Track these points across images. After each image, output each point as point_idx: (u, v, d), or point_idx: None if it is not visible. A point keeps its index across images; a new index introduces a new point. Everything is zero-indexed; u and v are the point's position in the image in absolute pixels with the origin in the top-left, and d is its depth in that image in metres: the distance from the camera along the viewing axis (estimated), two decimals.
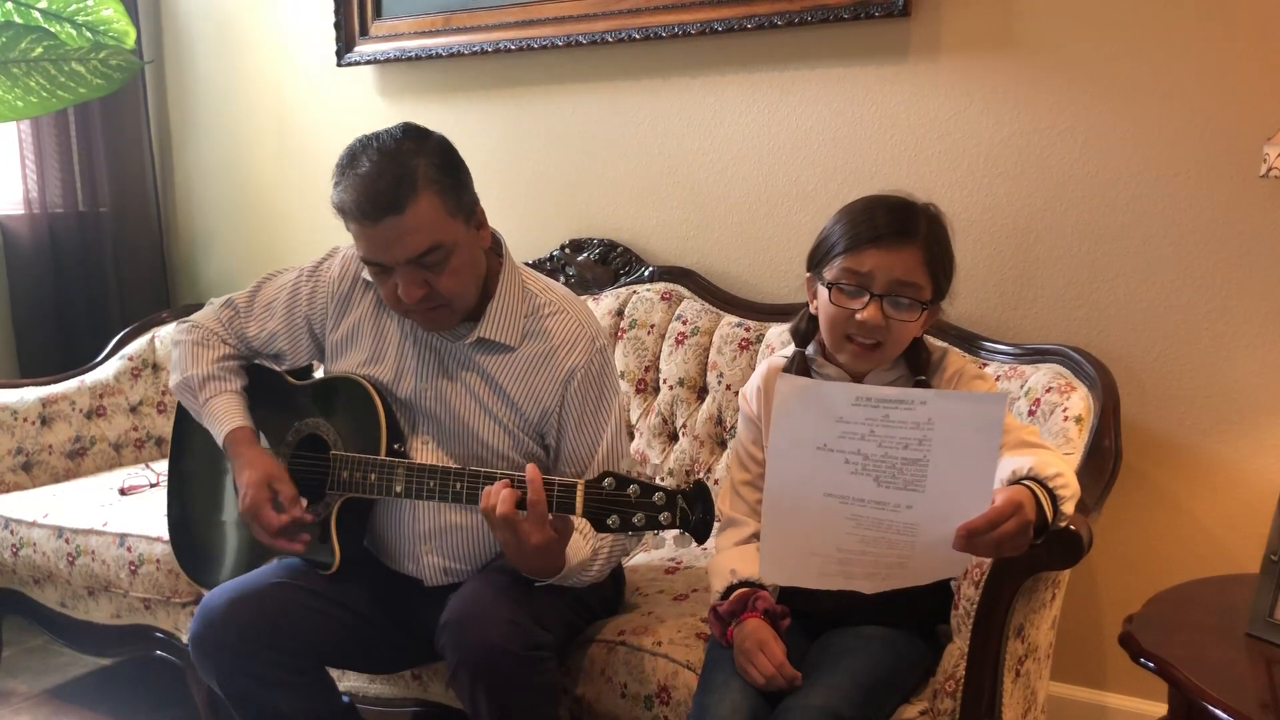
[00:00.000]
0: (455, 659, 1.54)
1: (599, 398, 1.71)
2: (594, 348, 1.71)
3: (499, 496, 1.48)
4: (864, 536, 1.34)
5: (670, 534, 1.42)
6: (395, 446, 1.68)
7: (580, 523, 1.56)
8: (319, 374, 1.87)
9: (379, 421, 1.68)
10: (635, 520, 1.44)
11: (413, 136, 1.58)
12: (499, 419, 1.71)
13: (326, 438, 1.73)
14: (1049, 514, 1.33)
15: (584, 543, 1.61)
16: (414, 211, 1.52)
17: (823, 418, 1.32)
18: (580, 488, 1.46)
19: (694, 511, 1.43)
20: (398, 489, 1.63)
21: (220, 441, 1.75)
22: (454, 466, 1.62)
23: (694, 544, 2.09)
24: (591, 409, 1.70)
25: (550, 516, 1.47)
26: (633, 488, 1.44)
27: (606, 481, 1.46)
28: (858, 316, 1.48)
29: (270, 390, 1.83)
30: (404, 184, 1.52)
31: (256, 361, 1.87)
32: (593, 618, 1.77)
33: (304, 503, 1.67)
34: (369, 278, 1.72)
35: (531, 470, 1.47)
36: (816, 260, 1.57)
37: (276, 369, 1.85)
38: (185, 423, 1.92)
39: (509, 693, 1.53)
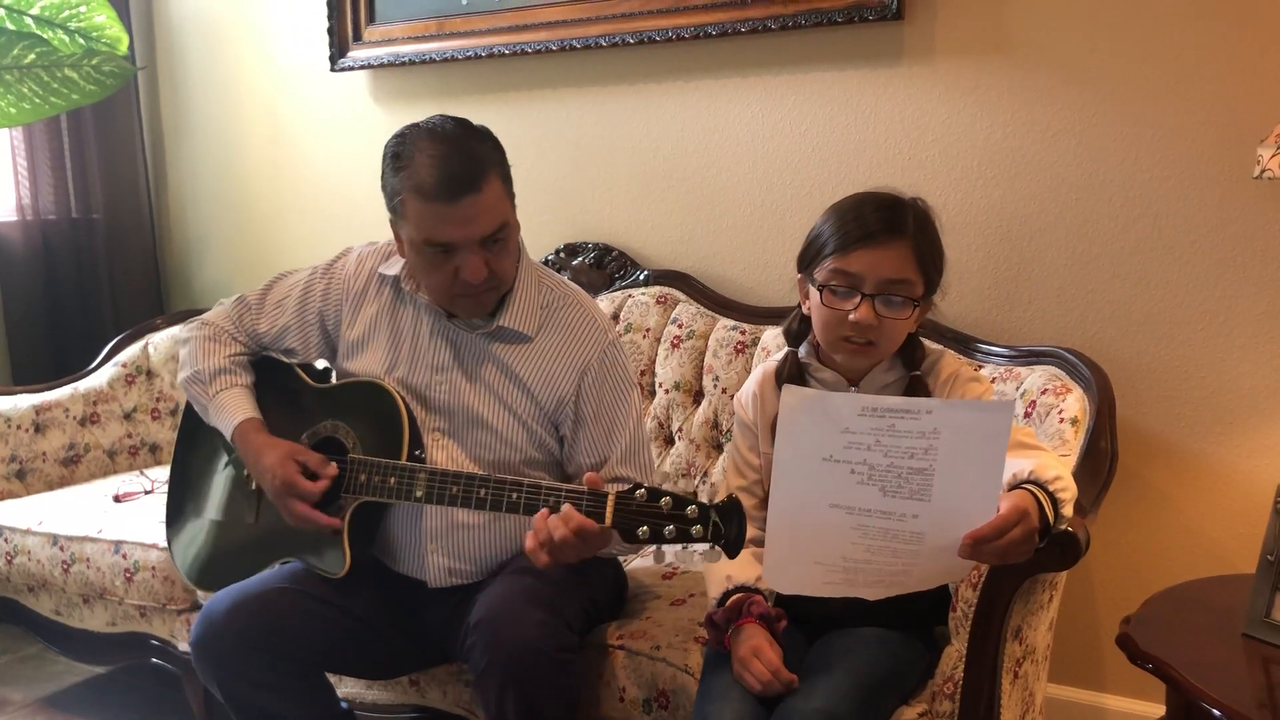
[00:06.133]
0: (486, 659, 1.53)
1: (615, 388, 1.75)
2: (606, 340, 1.76)
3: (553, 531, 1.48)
4: (870, 546, 1.33)
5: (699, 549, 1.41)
6: (416, 453, 1.68)
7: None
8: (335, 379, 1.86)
9: (402, 427, 1.67)
10: (666, 532, 1.42)
11: (463, 124, 1.64)
12: (514, 410, 1.72)
13: (345, 441, 1.72)
14: (1050, 518, 1.33)
15: None
16: (488, 190, 1.60)
17: (829, 429, 1.31)
18: (610, 500, 1.45)
19: (727, 526, 1.40)
20: (418, 494, 1.62)
21: (229, 433, 1.75)
22: (478, 473, 1.61)
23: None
24: (609, 401, 1.74)
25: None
26: (665, 499, 1.43)
27: (639, 493, 1.44)
28: (850, 317, 1.48)
29: (288, 391, 1.83)
30: (477, 165, 1.59)
31: (271, 355, 1.87)
32: (601, 619, 1.78)
33: (334, 465, 1.67)
34: (387, 272, 1.76)
35: (567, 512, 1.47)
36: (807, 261, 1.57)
37: (298, 372, 1.85)
38: (188, 429, 1.91)
39: (540, 695, 1.53)
